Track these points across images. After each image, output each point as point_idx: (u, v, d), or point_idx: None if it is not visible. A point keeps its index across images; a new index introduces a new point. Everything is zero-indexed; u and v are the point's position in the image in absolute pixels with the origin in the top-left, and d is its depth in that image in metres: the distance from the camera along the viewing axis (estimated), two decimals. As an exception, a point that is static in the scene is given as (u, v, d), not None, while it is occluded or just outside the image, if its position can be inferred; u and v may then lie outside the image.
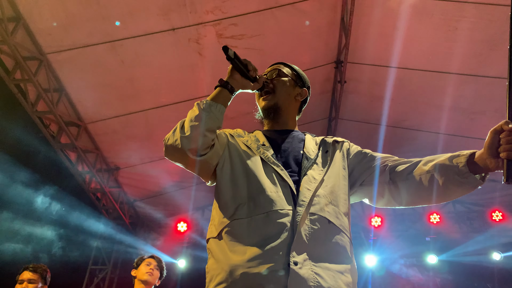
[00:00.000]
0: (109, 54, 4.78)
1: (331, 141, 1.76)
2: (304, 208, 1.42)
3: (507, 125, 1.26)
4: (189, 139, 1.48)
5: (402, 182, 1.55)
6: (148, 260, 3.65)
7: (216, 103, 1.57)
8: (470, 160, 1.37)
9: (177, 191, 7.40)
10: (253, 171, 1.54)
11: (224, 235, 1.44)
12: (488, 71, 5.34)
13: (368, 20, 5.21)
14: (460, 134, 6.40)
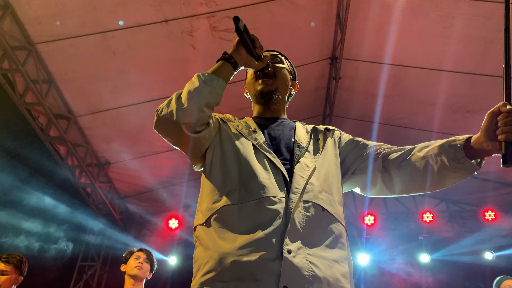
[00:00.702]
0: (100, 45, 4.68)
1: (323, 129, 1.71)
2: (298, 195, 1.36)
3: (504, 107, 1.22)
4: (185, 111, 1.38)
5: (396, 169, 1.50)
6: (137, 254, 3.55)
7: (218, 77, 1.49)
8: (466, 145, 1.33)
9: (168, 187, 7.31)
10: (245, 157, 1.47)
11: (213, 221, 1.35)
12: (483, 69, 5.31)
13: (363, 16, 5.16)
14: (454, 133, 6.33)
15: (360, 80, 6.07)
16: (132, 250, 3.62)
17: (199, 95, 1.42)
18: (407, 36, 5.24)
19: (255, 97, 1.78)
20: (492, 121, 1.25)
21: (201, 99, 1.42)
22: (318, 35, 5.52)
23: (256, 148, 1.51)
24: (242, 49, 1.59)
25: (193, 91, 1.42)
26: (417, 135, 6.56)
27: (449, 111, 6.05)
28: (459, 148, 1.33)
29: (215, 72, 1.50)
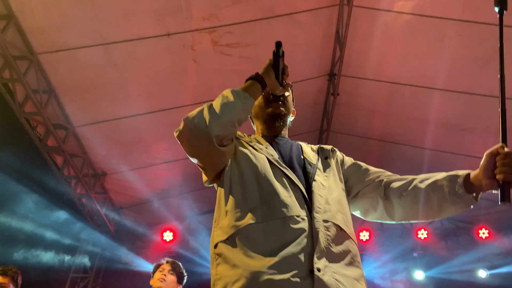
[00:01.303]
0: (101, 56, 4.70)
1: (330, 148, 1.77)
2: (321, 215, 1.40)
3: (502, 149, 1.33)
4: (219, 124, 1.42)
5: (397, 198, 1.57)
6: (162, 266, 3.53)
7: (250, 96, 1.53)
8: (466, 180, 1.42)
9: (163, 200, 7.27)
10: (263, 173, 1.50)
11: (238, 239, 1.36)
12: (479, 89, 5.41)
13: (362, 34, 5.25)
14: (449, 151, 6.45)
15: (357, 97, 6.14)
16: (160, 262, 3.61)
17: (234, 110, 1.46)
18: (405, 55, 5.34)
19: (263, 117, 1.83)
20: (490, 161, 1.34)
21: (234, 114, 1.47)
22: (317, 51, 5.60)
23: (272, 164, 1.54)
24: (272, 73, 1.64)
25: (229, 105, 1.46)
26: (413, 152, 6.62)
27: (444, 129, 6.13)
28: (459, 183, 1.42)
29: (247, 90, 1.55)
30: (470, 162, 6.75)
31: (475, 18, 4.69)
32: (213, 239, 1.47)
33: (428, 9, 4.75)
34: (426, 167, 6.78)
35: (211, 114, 1.43)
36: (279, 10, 4.87)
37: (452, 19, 4.75)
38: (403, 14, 4.81)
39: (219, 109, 1.44)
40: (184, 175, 6.86)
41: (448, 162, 6.59)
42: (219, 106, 1.45)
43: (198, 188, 7.28)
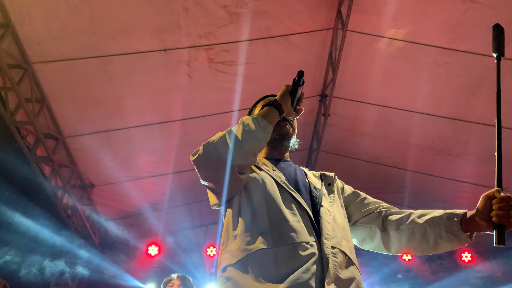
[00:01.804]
0: (97, 69, 4.71)
1: (332, 175, 1.80)
2: (329, 241, 1.42)
3: (498, 193, 1.38)
4: (242, 154, 1.44)
5: (395, 231, 1.61)
6: (172, 282, 3.50)
7: (270, 125, 1.53)
8: (462, 220, 1.47)
9: (150, 213, 7.21)
10: (272, 196, 1.50)
11: (247, 264, 1.36)
12: (466, 116, 5.56)
13: (355, 58, 5.38)
14: (436, 174, 6.57)
15: (348, 118, 6.24)
16: (169, 278, 3.58)
17: (256, 140, 1.47)
18: (396, 80, 5.48)
19: (274, 137, 1.79)
20: (487, 203, 1.40)
21: (256, 144, 1.48)
22: (310, 73, 5.69)
23: (280, 186, 1.55)
24: (289, 100, 1.65)
25: (251, 134, 1.46)
26: (401, 174, 6.72)
27: (431, 153, 6.25)
28: (456, 222, 1.46)
29: (266, 118, 1.53)
30: (456, 186, 6.91)
31: (464, 48, 4.86)
32: (220, 262, 1.47)
33: (420, 37, 4.91)
34: (413, 190, 6.89)
35: (233, 142, 1.43)
36: (275, 31, 4.97)
37: (442, 47, 4.91)
38: (396, 41, 4.95)
39: (241, 137, 1.44)
40: (172, 190, 6.83)
41: (435, 186, 6.72)
42: (241, 134, 1.45)
43: (185, 202, 7.25)
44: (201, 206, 7.43)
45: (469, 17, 4.53)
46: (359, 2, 4.73)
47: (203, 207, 7.44)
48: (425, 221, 1.53)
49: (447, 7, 4.51)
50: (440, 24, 4.72)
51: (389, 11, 4.73)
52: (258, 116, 1.53)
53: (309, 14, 4.94)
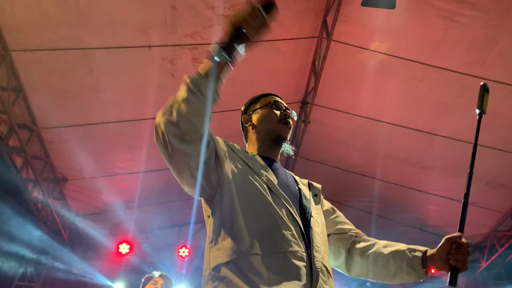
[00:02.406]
0: (79, 61, 4.62)
1: (320, 187, 1.80)
2: (319, 254, 1.43)
3: (460, 239, 1.46)
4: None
5: (359, 257, 1.67)
6: (155, 279, 3.41)
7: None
8: (423, 256, 1.54)
9: (123, 211, 7.09)
10: (262, 199, 1.47)
11: (241, 266, 1.34)
12: (440, 131, 5.73)
13: (338, 68, 5.48)
14: (408, 186, 6.74)
15: (327, 126, 6.33)
16: (151, 275, 3.49)
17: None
18: (375, 92, 5.60)
19: (269, 136, 1.76)
20: (447, 245, 1.47)
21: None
22: (293, 79, 5.76)
23: (272, 191, 1.52)
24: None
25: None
26: (374, 183, 6.86)
27: (406, 165, 6.41)
28: (418, 258, 1.54)
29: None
30: (426, 199, 7.09)
31: (442, 65, 5.03)
32: (210, 260, 1.42)
33: (401, 51, 5.05)
34: (385, 199, 7.05)
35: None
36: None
37: (422, 62, 5.06)
38: (378, 53, 5.07)
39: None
40: (148, 188, 6.75)
41: (406, 197, 6.89)
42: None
43: (159, 202, 7.18)
44: (175, 207, 7.37)
45: (449, 35, 4.69)
46: (345, 13, 4.83)
47: (177, 208, 7.38)
48: (390, 252, 1.60)
49: (429, 24, 4.67)
50: (421, 40, 4.87)
51: (373, 24, 4.85)
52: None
53: (296, 22, 5.00)
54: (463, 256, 1.42)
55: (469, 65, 4.92)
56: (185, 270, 7.63)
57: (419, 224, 7.50)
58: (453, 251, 1.44)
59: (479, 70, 4.92)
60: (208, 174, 1.48)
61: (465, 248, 1.44)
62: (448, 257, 1.45)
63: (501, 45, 4.63)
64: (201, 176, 1.46)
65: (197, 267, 7.73)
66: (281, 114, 1.78)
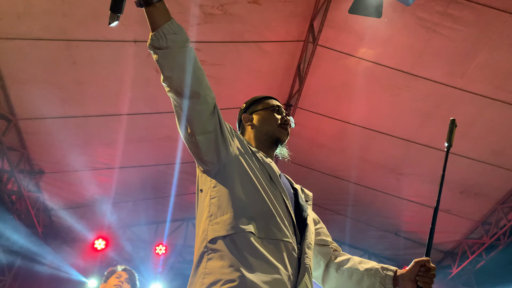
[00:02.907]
0: (62, 52, 4.55)
1: (311, 195, 1.87)
2: (310, 251, 1.49)
3: (428, 263, 1.58)
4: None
5: (335, 271, 1.74)
6: (118, 273, 3.36)
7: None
8: (394, 275, 1.65)
9: (101, 206, 6.99)
10: (263, 186, 1.52)
11: (236, 242, 1.37)
12: (419, 139, 5.86)
13: (322, 72, 5.54)
14: (385, 191, 6.86)
15: (309, 130, 6.39)
16: (115, 268, 3.43)
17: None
18: (358, 98, 5.68)
19: (268, 137, 1.82)
20: (416, 268, 1.59)
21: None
22: (278, 81, 5.80)
23: (272, 180, 1.57)
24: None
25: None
26: (352, 188, 6.96)
27: (383, 171, 6.53)
28: (390, 277, 1.64)
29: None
30: (402, 205, 7.22)
31: (423, 74, 5.15)
32: (207, 233, 1.44)
33: (384, 59, 5.14)
34: (363, 204, 7.17)
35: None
36: (248, 36, 5.02)
37: (403, 71, 5.17)
38: (362, 60, 5.16)
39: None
40: (127, 184, 6.69)
41: (383, 202, 7.02)
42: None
43: (138, 198, 7.11)
44: (154, 204, 7.32)
45: (432, 46, 4.81)
46: (332, 19, 4.89)
47: (156, 205, 7.33)
48: (364, 269, 1.68)
49: (413, 34, 4.77)
50: (404, 50, 4.98)
51: (358, 31, 4.92)
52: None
53: (283, 24, 5.04)
54: (430, 279, 1.55)
55: (449, 76, 5.05)
56: (161, 268, 7.58)
57: (394, 229, 7.64)
58: (421, 274, 1.56)
59: (458, 82, 5.05)
60: (217, 145, 1.52)
61: (432, 271, 1.57)
62: (416, 278, 1.56)
63: (480, 58, 4.77)
64: (207, 139, 1.50)
65: (173, 265, 7.69)
66: (282, 119, 1.84)
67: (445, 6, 4.43)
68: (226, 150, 1.54)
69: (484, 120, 5.30)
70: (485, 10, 4.36)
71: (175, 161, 6.08)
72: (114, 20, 1.47)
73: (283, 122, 1.84)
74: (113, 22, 1.47)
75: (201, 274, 1.36)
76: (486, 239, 6.77)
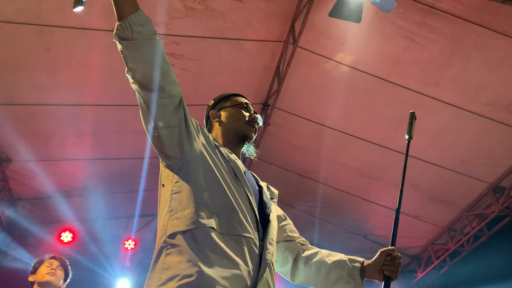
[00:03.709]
0: (35, 37, 4.40)
1: (277, 192, 1.88)
2: (272, 247, 1.49)
3: (393, 252, 1.64)
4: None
5: (303, 265, 1.76)
6: (48, 262, 3.23)
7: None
8: (361, 266, 1.69)
9: (69, 198, 6.80)
10: (227, 182, 1.52)
11: (196, 237, 1.36)
12: (391, 145, 5.97)
13: (301, 74, 5.58)
14: (357, 195, 6.97)
15: (285, 130, 6.42)
16: (42, 258, 3.30)
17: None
18: (335, 101, 5.74)
19: (236, 134, 1.81)
20: (382, 257, 1.64)
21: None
22: (256, 80, 5.80)
23: (236, 177, 1.57)
24: None
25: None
26: (325, 190, 7.03)
27: (356, 175, 6.63)
28: (357, 268, 1.68)
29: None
30: (373, 209, 7.35)
31: (398, 81, 5.25)
32: (167, 228, 1.43)
33: (362, 65, 5.22)
34: (335, 206, 7.26)
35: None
36: (228, 33, 4.99)
37: (380, 78, 5.26)
38: (341, 65, 5.22)
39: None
40: (97, 176, 6.54)
41: (355, 205, 7.12)
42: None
43: (108, 192, 6.97)
44: (124, 197, 7.19)
45: (408, 54, 4.91)
46: (313, 22, 4.92)
47: (126, 199, 7.20)
48: (332, 262, 1.72)
49: (390, 42, 4.86)
50: (382, 56, 5.07)
51: (338, 35, 4.98)
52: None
53: (264, 24, 5.04)
54: (396, 267, 1.60)
55: (423, 84, 5.17)
56: (129, 263, 7.46)
57: (364, 232, 7.77)
58: (387, 263, 1.61)
59: (432, 91, 5.18)
60: (181, 139, 1.50)
61: (398, 260, 1.62)
62: (383, 267, 1.61)
63: (453, 69, 4.90)
64: (171, 133, 1.48)
65: (141, 260, 7.58)
66: (250, 117, 1.84)
67: (423, 16, 4.53)
68: (190, 145, 1.52)
69: (454, 129, 5.45)
70: (460, 23, 4.48)
71: (145, 155, 5.99)
72: (78, 5, 1.43)
73: (251, 119, 1.84)
74: (77, 7, 1.43)
75: (159, 269, 1.35)
76: (451, 245, 6.97)
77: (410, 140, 1.93)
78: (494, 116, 5.14)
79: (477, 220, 6.51)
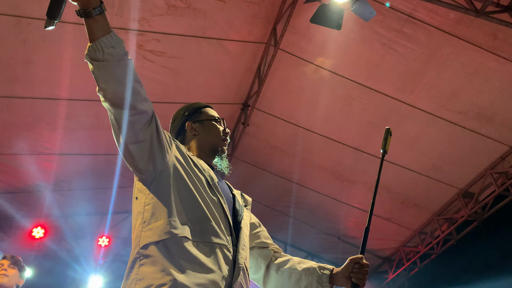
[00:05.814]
0: (11, 29, 4.29)
1: (250, 200, 1.92)
2: (244, 252, 1.54)
3: (362, 260, 1.68)
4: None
5: (275, 272, 1.82)
6: (0, 262, 3.17)
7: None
8: (330, 274, 1.74)
9: (43, 193, 6.68)
10: (200, 192, 1.56)
11: (170, 246, 1.40)
12: (367, 148, 6.10)
13: (281, 76, 5.63)
14: (332, 196, 7.08)
15: (264, 131, 6.47)
16: None
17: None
18: (313, 104, 5.82)
19: (212, 148, 1.87)
20: (351, 265, 1.69)
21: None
22: (237, 81, 5.81)
23: (210, 186, 1.62)
24: None
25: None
26: (301, 191, 7.12)
27: (332, 177, 6.73)
28: (326, 275, 1.73)
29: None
30: (348, 210, 7.46)
31: (376, 87, 5.36)
32: (140, 239, 1.46)
33: (341, 69, 5.31)
34: (311, 207, 7.35)
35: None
36: (210, 32, 5.00)
37: (358, 82, 5.36)
38: (321, 69, 5.29)
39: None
40: (71, 171, 6.44)
41: (330, 207, 7.23)
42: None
43: (83, 187, 6.87)
44: (98, 194, 7.10)
45: (386, 61, 5.02)
46: (294, 25, 4.98)
47: (100, 195, 7.11)
48: (302, 269, 1.77)
49: (369, 48, 4.96)
50: (360, 62, 5.16)
51: (319, 39, 5.05)
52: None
53: (246, 25, 5.06)
54: (363, 275, 1.65)
55: (399, 91, 5.30)
56: (103, 260, 7.37)
57: (338, 233, 7.90)
58: (355, 270, 1.66)
59: (407, 97, 5.31)
60: (153, 153, 1.51)
61: (366, 268, 1.66)
62: (351, 275, 1.66)
63: (428, 77, 5.05)
64: (141, 149, 1.49)
65: (114, 257, 7.50)
66: (224, 132, 1.92)
67: (401, 24, 4.65)
68: (162, 158, 1.54)
69: (428, 136, 5.61)
70: (436, 33, 4.61)
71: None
72: (50, 25, 1.42)
73: (224, 134, 1.92)
74: (49, 26, 1.43)
75: (133, 280, 1.37)
76: (421, 248, 7.16)
77: (384, 155, 1.98)
78: (466, 124, 5.31)
79: (446, 224, 6.72)
